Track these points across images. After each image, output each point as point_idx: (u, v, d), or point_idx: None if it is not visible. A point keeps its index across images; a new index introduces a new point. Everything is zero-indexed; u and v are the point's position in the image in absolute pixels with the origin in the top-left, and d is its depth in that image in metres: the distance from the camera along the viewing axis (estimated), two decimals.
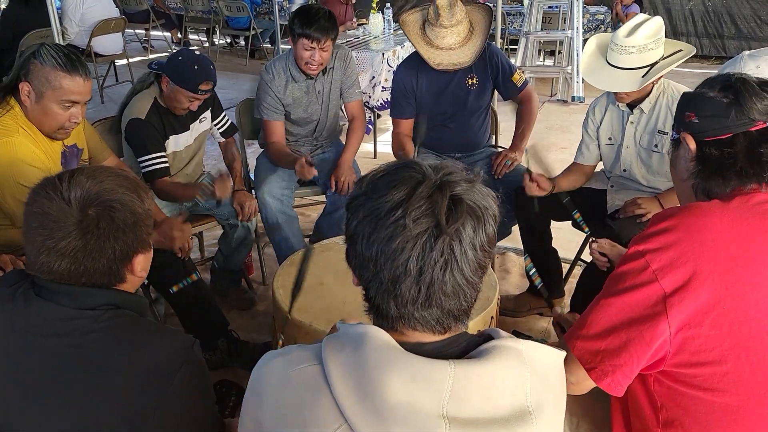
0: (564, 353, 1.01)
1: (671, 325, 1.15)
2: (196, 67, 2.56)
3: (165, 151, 2.70)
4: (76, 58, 2.07)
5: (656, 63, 2.33)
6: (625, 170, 2.62)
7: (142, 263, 1.28)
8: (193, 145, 2.90)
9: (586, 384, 1.26)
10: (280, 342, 1.83)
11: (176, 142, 2.79)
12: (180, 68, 2.57)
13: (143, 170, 2.63)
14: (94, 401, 1.12)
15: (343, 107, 3.21)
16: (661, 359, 1.19)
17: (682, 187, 1.39)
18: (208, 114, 2.93)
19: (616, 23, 7.94)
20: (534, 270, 2.25)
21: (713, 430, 1.19)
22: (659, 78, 2.42)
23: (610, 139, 2.63)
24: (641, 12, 8.40)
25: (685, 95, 1.39)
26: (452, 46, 2.80)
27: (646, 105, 2.47)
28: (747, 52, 2.09)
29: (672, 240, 1.19)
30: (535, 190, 2.60)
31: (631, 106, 2.51)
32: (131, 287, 1.30)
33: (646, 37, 2.30)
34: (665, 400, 1.24)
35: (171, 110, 2.69)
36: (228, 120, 3.07)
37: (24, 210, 1.21)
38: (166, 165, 2.68)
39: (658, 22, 2.33)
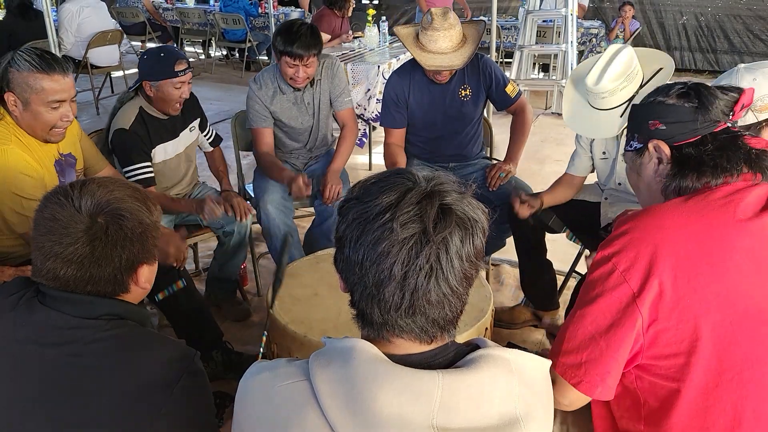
0: (549, 362, 1.01)
1: (644, 321, 1.19)
2: (161, 54, 2.63)
3: (150, 161, 2.70)
4: (50, 57, 2.05)
5: (634, 96, 2.29)
6: (620, 184, 2.63)
7: (146, 274, 1.29)
8: (184, 154, 2.90)
9: (578, 402, 1.27)
10: (264, 339, 1.86)
11: (165, 150, 2.79)
12: (149, 63, 2.64)
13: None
14: (94, 411, 1.11)
15: (334, 116, 3.22)
16: (637, 353, 1.23)
17: (648, 192, 1.43)
18: (196, 124, 2.94)
19: (612, 39, 8.02)
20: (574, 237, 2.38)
21: (689, 419, 1.21)
22: None
23: (604, 153, 2.63)
24: (641, 27, 8.51)
25: (638, 107, 1.44)
26: (445, 50, 2.81)
27: None
28: (743, 65, 2.09)
29: (631, 240, 1.24)
30: (526, 211, 2.64)
31: None
32: (134, 298, 1.30)
33: (612, 80, 2.24)
34: (647, 396, 1.27)
35: (166, 111, 2.70)
36: (214, 131, 3.13)
37: (34, 216, 1.23)
38: (151, 175, 2.68)
39: (624, 60, 2.25)
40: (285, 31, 2.78)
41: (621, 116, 2.30)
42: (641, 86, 2.31)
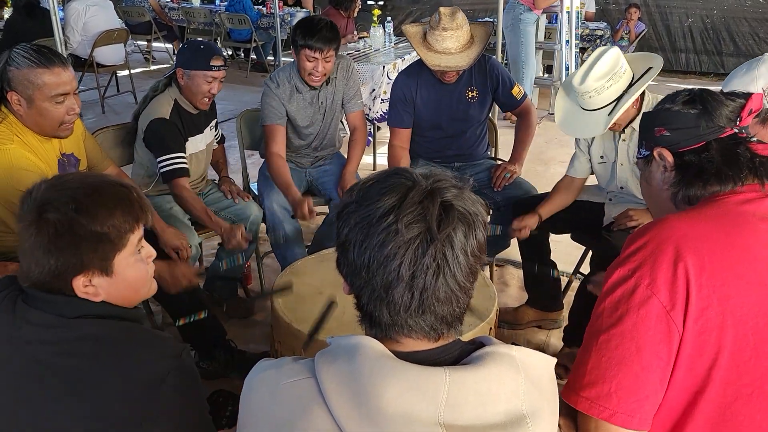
0: (554, 360, 1.00)
1: (680, 334, 1.12)
2: (201, 47, 2.68)
3: (185, 152, 2.72)
4: (47, 51, 2.04)
5: (621, 96, 2.31)
6: (622, 187, 2.62)
7: (100, 285, 1.21)
8: (205, 150, 2.93)
9: None
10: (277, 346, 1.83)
11: (194, 145, 2.82)
12: (188, 53, 2.68)
13: (162, 170, 2.64)
14: (79, 410, 1.10)
15: (344, 118, 3.23)
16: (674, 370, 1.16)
17: (658, 200, 1.40)
18: (214, 123, 2.96)
19: (617, 41, 8.00)
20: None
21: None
22: (637, 101, 2.39)
23: (602, 157, 2.63)
24: (646, 29, 8.48)
25: (647, 114, 1.43)
26: (451, 50, 2.82)
27: (636, 123, 2.47)
28: None
29: (651, 252, 1.17)
30: (527, 232, 2.67)
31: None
32: (120, 301, 1.26)
33: (597, 79, 2.26)
34: (662, 411, 1.20)
35: (194, 103, 2.72)
36: (220, 130, 3.16)
37: None
38: (186, 166, 2.69)
39: (609, 60, 2.28)
40: (305, 25, 2.80)
41: (609, 114, 2.31)
42: (631, 84, 2.32)
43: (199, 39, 2.74)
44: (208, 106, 2.77)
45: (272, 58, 8.83)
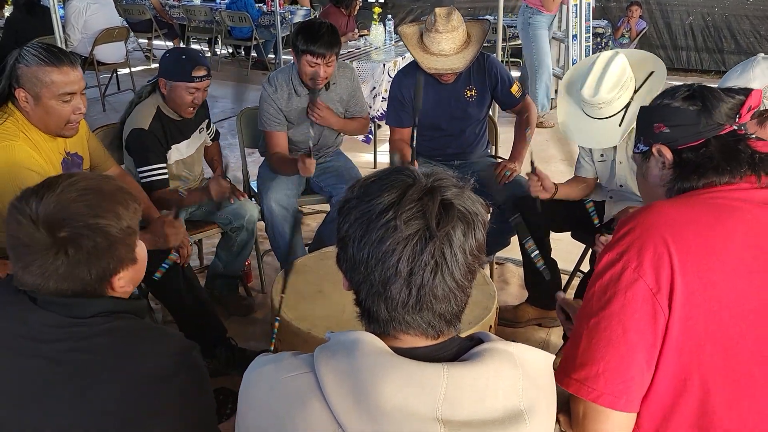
0: (553, 356, 1.01)
1: (665, 318, 1.14)
2: (183, 57, 2.61)
3: (166, 162, 2.70)
4: (57, 50, 2.05)
5: (630, 102, 2.30)
6: (621, 185, 2.62)
7: (126, 278, 1.26)
8: (195, 154, 2.91)
9: (596, 425, 1.17)
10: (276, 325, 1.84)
11: (179, 151, 2.80)
12: (169, 63, 2.62)
13: (141, 181, 2.63)
14: (89, 405, 1.11)
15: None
16: (661, 353, 1.17)
17: (654, 196, 1.41)
18: (205, 125, 2.95)
19: (618, 39, 8.00)
20: (537, 252, 2.33)
21: (696, 419, 1.16)
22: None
23: (602, 155, 2.63)
24: (647, 26, 8.47)
25: (645, 109, 1.42)
26: (447, 52, 2.82)
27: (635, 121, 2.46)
28: (762, 54, 2.12)
29: (639, 236, 1.19)
30: (538, 188, 2.58)
31: None
32: (123, 295, 1.28)
33: (608, 90, 2.26)
34: (650, 394, 1.21)
35: (178, 113, 2.68)
36: (215, 128, 3.14)
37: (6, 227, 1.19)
38: (166, 177, 2.68)
39: (618, 69, 2.27)
40: (306, 29, 2.78)
41: (620, 125, 2.30)
42: (635, 91, 2.31)
43: (181, 47, 2.69)
44: (192, 115, 2.72)
45: (273, 56, 8.83)
